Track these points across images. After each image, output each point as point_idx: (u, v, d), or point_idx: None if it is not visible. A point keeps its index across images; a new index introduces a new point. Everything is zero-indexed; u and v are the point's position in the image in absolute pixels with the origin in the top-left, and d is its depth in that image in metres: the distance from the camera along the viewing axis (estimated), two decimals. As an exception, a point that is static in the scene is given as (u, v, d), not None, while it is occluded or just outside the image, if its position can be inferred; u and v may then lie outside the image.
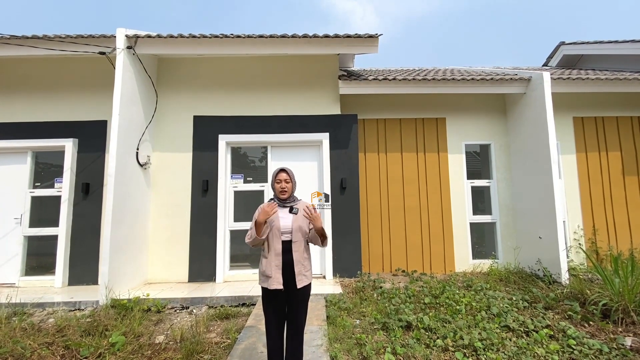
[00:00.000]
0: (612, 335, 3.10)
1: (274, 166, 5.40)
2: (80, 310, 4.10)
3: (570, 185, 5.68)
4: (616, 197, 5.66)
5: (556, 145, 4.96)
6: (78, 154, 5.21)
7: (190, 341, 3.07)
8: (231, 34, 4.77)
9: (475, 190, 5.86)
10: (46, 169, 5.41)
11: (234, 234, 5.29)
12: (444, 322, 3.38)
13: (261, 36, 4.77)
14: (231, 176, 5.41)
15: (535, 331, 3.15)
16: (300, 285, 2.35)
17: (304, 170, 5.40)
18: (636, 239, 5.54)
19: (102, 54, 4.72)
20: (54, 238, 5.02)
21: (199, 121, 5.42)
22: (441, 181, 5.78)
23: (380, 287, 4.53)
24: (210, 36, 4.75)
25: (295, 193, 2.58)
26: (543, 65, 8.72)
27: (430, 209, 5.71)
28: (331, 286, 4.66)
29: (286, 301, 2.41)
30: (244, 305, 4.18)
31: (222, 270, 5.08)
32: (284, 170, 2.50)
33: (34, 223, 5.17)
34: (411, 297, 4.12)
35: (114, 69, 4.60)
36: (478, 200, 5.91)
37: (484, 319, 3.40)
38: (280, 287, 2.30)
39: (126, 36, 4.66)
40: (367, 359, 2.78)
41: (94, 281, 4.95)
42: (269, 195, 5.21)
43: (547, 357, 2.73)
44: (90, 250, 5.00)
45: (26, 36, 4.62)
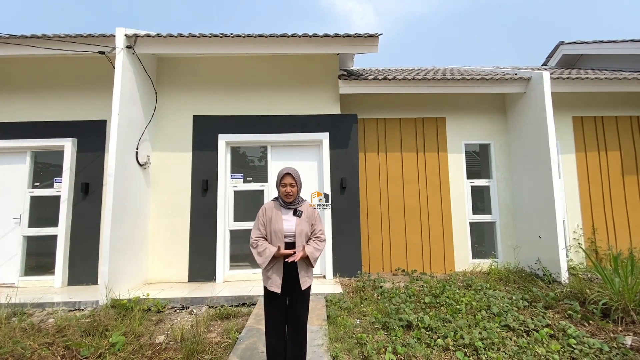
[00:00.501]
0: (612, 335, 3.10)
1: (274, 166, 5.40)
2: (80, 310, 4.09)
3: (569, 185, 5.69)
4: (615, 197, 5.67)
5: (556, 144, 4.97)
6: (77, 153, 5.20)
7: (191, 341, 3.07)
8: (231, 34, 4.76)
9: (475, 190, 5.87)
10: (45, 169, 5.40)
11: (234, 234, 5.28)
12: (444, 321, 3.39)
13: (261, 35, 4.76)
14: (231, 176, 5.40)
15: (536, 330, 3.15)
16: (304, 287, 2.37)
17: (304, 170, 5.39)
18: (635, 238, 5.55)
19: (102, 53, 4.71)
20: (53, 238, 5.01)
21: (198, 121, 5.41)
22: (441, 181, 5.78)
23: (381, 286, 4.53)
24: (210, 35, 4.74)
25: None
26: (542, 65, 8.73)
27: (430, 208, 5.71)
28: (331, 286, 4.66)
29: (288, 301, 2.41)
30: (244, 305, 4.18)
31: (222, 270, 5.08)
32: (290, 174, 2.45)
33: (33, 223, 5.16)
34: (411, 296, 4.12)
35: (114, 68, 4.58)
36: (478, 199, 5.91)
37: (484, 319, 3.40)
38: (278, 290, 2.31)
39: (126, 35, 4.65)
40: (368, 358, 2.78)
41: (93, 281, 4.94)
42: (269, 195, 5.20)
43: (547, 357, 2.74)
44: (89, 250, 4.99)
45: (25, 35, 4.60)
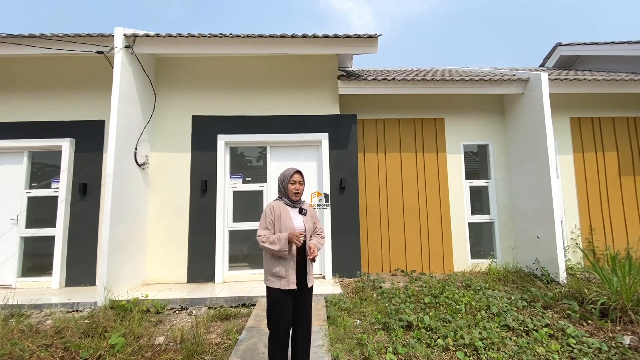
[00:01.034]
0: (611, 334, 3.12)
1: (273, 166, 5.39)
2: (78, 311, 4.06)
3: (567, 185, 5.73)
4: (612, 197, 5.71)
5: (554, 145, 5.00)
6: (75, 153, 5.17)
7: (191, 342, 3.06)
8: (230, 34, 4.75)
9: (473, 190, 5.89)
10: (41, 169, 5.37)
11: (233, 234, 5.27)
12: (444, 321, 3.39)
13: (261, 36, 4.76)
14: (230, 176, 5.39)
15: (535, 330, 3.17)
16: (310, 284, 2.42)
17: (304, 170, 5.35)
18: (632, 238, 5.59)
19: (100, 53, 4.69)
20: (50, 239, 4.98)
21: (197, 121, 5.39)
22: (440, 181, 5.80)
23: (380, 287, 4.54)
24: (209, 36, 4.73)
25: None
26: (540, 66, 8.78)
27: (429, 208, 5.73)
28: (331, 286, 4.66)
29: (294, 302, 2.40)
30: (243, 305, 4.17)
31: (221, 271, 5.06)
32: (299, 172, 2.52)
33: (30, 224, 5.12)
34: (411, 297, 4.13)
35: (112, 68, 4.56)
36: (476, 200, 5.93)
37: (484, 319, 3.42)
38: (294, 287, 2.32)
39: (124, 35, 4.63)
40: (368, 359, 2.78)
41: (91, 282, 4.91)
42: (268, 195, 5.19)
43: (547, 356, 2.75)
44: (87, 251, 4.96)
45: (23, 35, 4.57)
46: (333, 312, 3.68)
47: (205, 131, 5.35)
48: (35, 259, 5.16)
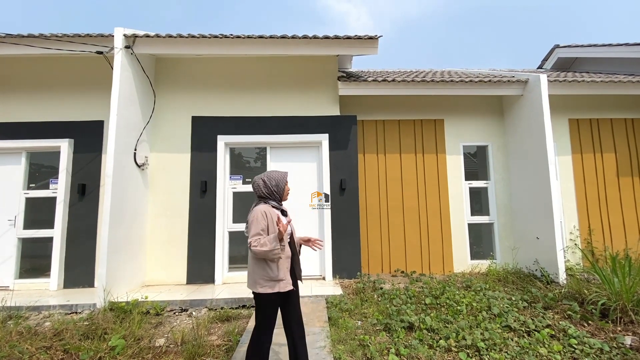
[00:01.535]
0: (612, 335, 3.13)
1: (273, 167, 5.37)
2: (77, 313, 4.02)
3: (566, 186, 5.75)
4: (611, 198, 5.74)
5: (553, 146, 5.02)
6: (74, 154, 5.13)
7: (192, 344, 3.03)
8: (231, 34, 4.74)
9: (473, 191, 5.90)
10: (39, 170, 5.32)
11: (233, 235, 5.25)
12: (445, 322, 3.39)
13: (261, 37, 4.75)
14: (230, 177, 5.37)
15: (537, 331, 3.17)
16: (301, 281, 2.50)
17: (304, 171, 5.39)
18: (631, 239, 5.62)
19: (100, 53, 4.67)
20: (49, 240, 4.94)
21: (197, 122, 5.38)
22: (439, 182, 5.81)
23: (381, 287, 4.53)
24: (209, 36, 4.72)
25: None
26: (538, 68, 8.83)
27: (428, 209, 5.73)
28: (331, 287, 4.64)
29: (288, 302, 2.41)
30: (244, 307, 4.15)
31: (220, 272, 5.04)
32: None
33: (28, 225, 5.08)
34: (412, 297, 4.12)
35: (112, 68, 4.54)
36: (476, 201, 5.94)
37: (485, 319, 3.42)
38: (292, 287, 2.33)
39: (124, 35, 4.61)
40: (371, 360, 2.77)
41: (90, 284, 4.87)
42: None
43: (549, 357, 2.76)
44: (86, 252, 4.93)
45: (22, 35, 4.54)
46: (334, 313, 3.67)
47: (205, 132, 5.34)
48: (33, 260, 5.12)
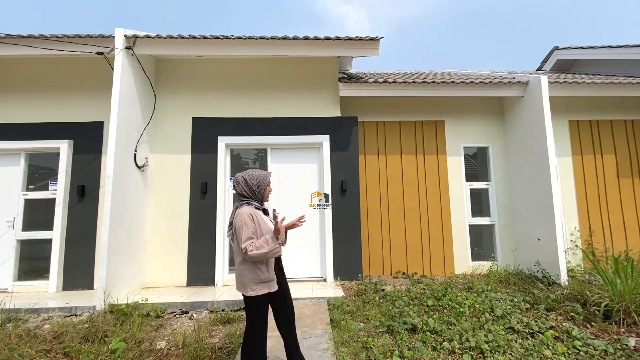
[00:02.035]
0: (616, 336, 3.12)
1: (273, 168, 5.35)
2: (76, 315, 3.99)
3: (566, 187, 5.75)
4: (611, 199, 5.75)
5: (554, 147, 5.02)
6: (73, 155, 5.10)
7: (194, 347, 3.01)
8: (231, 35, 4.74)
9: (473, 193, 5.90)
10: (38, 171, 5.29)
11: (233, 237, 5.21)
12: (448, 324, 3.37)
13: (262, 37, 4.75)
14: (230, 178, 5.35)
15: (540, 332, 3.16)
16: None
17: (304, 172, 5.37)
18: (631, 240, 5.63)
19: (100, 54, 4.64)
20: (48, 242, 4.90)
21: (197, 123, 5.36)
22: (440, 183, 5.80)
23: (383, 289, 4.51)
24: (210, 37, 4.71)
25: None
26: (537, 70, 8.84)
27: (429, 211, 5.72)
28: (332, 289, 4.62)
29: (277, 297, 2.46)
30: (245, 309, 4.11)
31: (221, 274, 5.01)
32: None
33: (27, 226, 5.04)
34: (414, 299, 4.11)
35: (112, 69, 4.52)
36: (476, 202, 5.94)
37: (488, 321, 3.40)
38: (277, 287, 2.39)
39: (125, 36, 4.59)
40: (374, 362, 2.75)
41: (89, 286, 4.83)
42: (269, 197, 5.14)
43: (554, 359, 2.74)
44: (85, 254, 4.89)
45: (22, 35, 4.52)
46: (336, 315, 3.65)
47: (205, 133, 5.32)
48: (32, 262, 5.07)
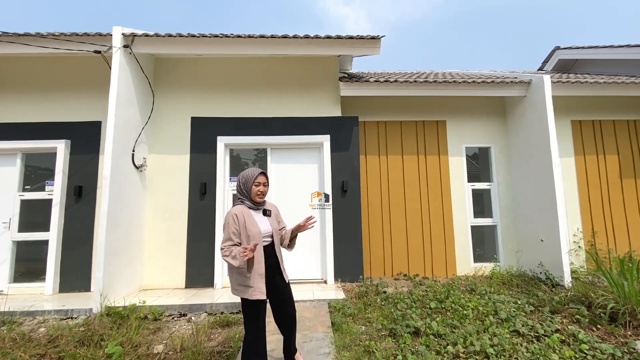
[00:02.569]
0: (623, 339, 3.06)
1: (273, 168, 5.29)
2: (72, 318, 3.91)
3: (569, 188, 5.69)
4: (614, 200, 5.69)
5: (557, 147, 4.97)
6: (70, 155, 5.04)
7: (192, 351, 2.94)
8: (231, 34, 4.68)
9: (475, 193, 5.84)
10: (34, 171, 5.21)
11: (232, 238, 5.14)
12: (452, 327, 3.31)
13: (262, 36, 4.69)
14: (230, 179, 5.29)
15: (546, 336, 3.09)
16: (287, 280, 2.46)
17: (305, 173, 5.31)
18: (634, 241, 5.57)
19: (98, 52, 4.58)
20: (44, 243, 4.83)
21: (196, 122, 5.29)
22: (442, 184, 5.74)
23: (384, 291, 4.44)
24: (209, 36, 4.65)
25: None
26: (538, 70, 8.80)
27: (431, 211, 5.66)
28: (333, 291, 4.55)
29: (274, 303, 2.43)
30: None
31: (220, 276, 4.94)
32: (264, 174, 2.44)
33: (23, 227, 4.96)
34: (416, 302, 4.04)
35: (110, 68, 4.46)
36: (478, 203, 5.88)
37: (492, 324, 3.33)
38: (264, 297, 2.24)
39: (123, 35, 4.53)
40: (377, 367, 2.68)
41: (86, 288, 4.76)
42: (269, 198, 5.07)
43: (561, 363, 2.68)
44: (82, 255, 4.82)
45: (18, 33, 4.45)
46: (338, 318, 3.58)
47: (204, 133, 5.25)
48: (28, 263, 4.99)
